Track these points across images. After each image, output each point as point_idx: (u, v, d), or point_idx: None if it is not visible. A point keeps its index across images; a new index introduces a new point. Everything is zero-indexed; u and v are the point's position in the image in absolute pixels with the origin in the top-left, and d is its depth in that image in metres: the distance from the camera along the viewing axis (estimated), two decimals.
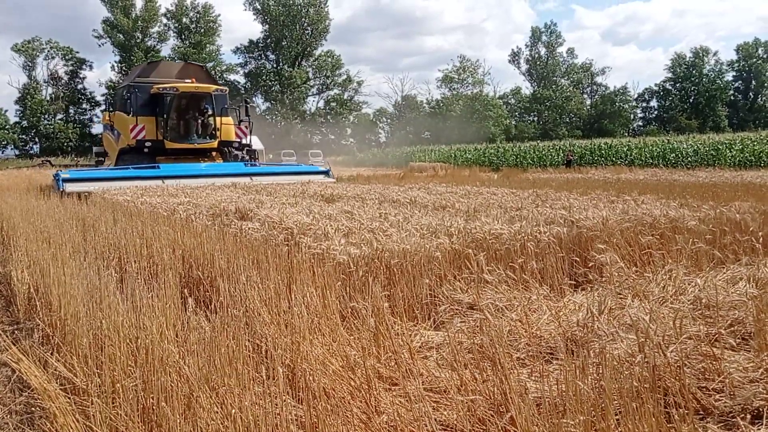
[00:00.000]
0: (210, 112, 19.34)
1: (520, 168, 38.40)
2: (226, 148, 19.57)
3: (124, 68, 70.32)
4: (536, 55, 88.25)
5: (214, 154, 19.89)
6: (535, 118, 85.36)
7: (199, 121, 19.24)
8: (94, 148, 26.39)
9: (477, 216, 6.93)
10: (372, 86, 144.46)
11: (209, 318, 3.54)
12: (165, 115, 18.63)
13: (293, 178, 16.14)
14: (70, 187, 13.72)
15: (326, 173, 18.22)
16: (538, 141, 54.20)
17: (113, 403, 2.76)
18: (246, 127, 20.46)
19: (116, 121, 20.21)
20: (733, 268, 4.78)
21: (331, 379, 2.86)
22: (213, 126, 19.32)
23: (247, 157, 19.91)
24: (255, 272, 4.30)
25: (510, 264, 4.87)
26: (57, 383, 3.00)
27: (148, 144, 18.29)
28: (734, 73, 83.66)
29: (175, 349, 2.94)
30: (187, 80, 19.59)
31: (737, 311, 3.73)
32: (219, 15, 76.30)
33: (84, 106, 75.25)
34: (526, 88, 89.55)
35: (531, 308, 4.10)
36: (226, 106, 19.87)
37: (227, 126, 19.64)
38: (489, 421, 2.61)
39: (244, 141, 20.30)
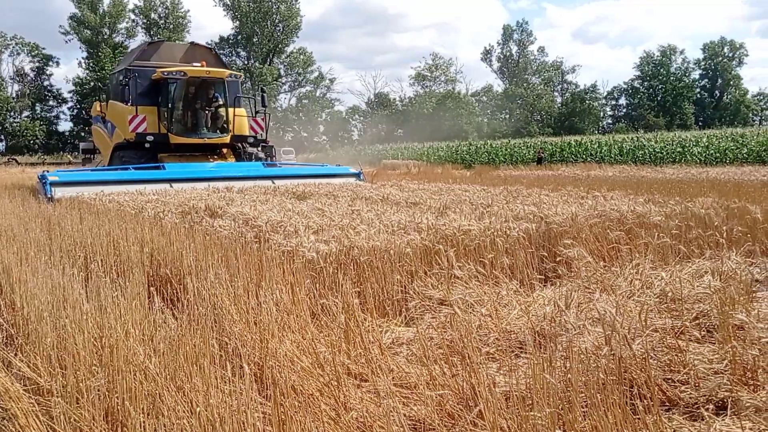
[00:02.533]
0: (221, 102, 16.50)
1: (492, 165, 38.68)
2: (239, 144, 16.72)
3: (91, 64, 69.17)
4: (508, 53, 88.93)
5: (225, 151, 16.88)
6: (507, 116, 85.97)
7: (208, 112, 16.41)
8: (81, 144, 23.02)
9: (448, 212, 6.96)
10: (344, 84, 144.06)
11: (176, 316, 3.49)
12: (170, 105, 15.81)
13: (321, 181, 13.58)
14: (60, 192, 11.24)
15: (357, 176, 15.49)
16: (510, 139, 54.60)
17: (77, 403, 2.72)
18: (262, 119, 17.71)
19: (110, 112, 17.28)
20: (698, 263, 4.86)
21: (300, 376, 2.84)
22: (225, 118, 16.51)
23: (263, 156, 17.03)
24: (224, 270, 4.25)
25: (480, 260, 4.90)
26: (20, 384, 2.93)
27: (149, 138, 15.39)
28: (700, 72, 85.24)
29: (141, 348, 2.90)
30: (195, 64, 16.41)
31: (702, 304, 3.79)
32: (188, 11, 75.70)
33: (51, 103, 73.90)
34: (498, 86, 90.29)
35: (501, 303, 4.12)
36: (238, 95, 17.10)
37: (240, 118, 16.90)
38: (458, 415, 2.62)
39: (259, 136, 17.43)
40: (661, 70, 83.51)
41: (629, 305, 3.76)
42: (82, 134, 71.52)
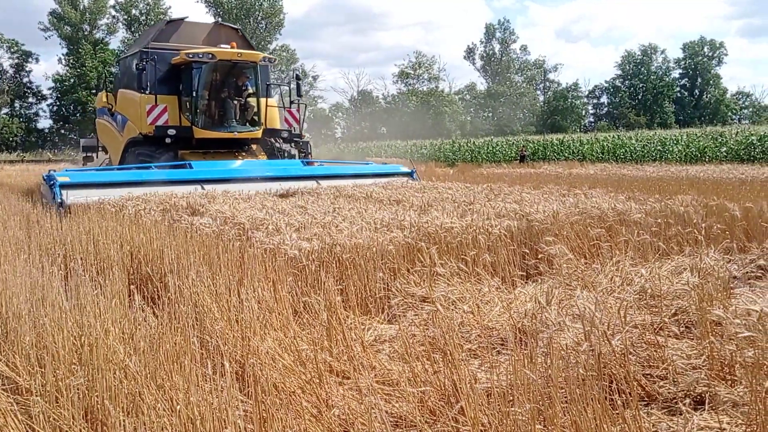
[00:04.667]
0: (251, 91, 14.18)
1: (475, 163, 38.82)
2: (272, 139, 14.47)
3: (71, 61, 68.37)
4: (491, 52, 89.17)
5: (254, 147, 14.61)
6: (490, 114, 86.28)
7: (237, 102, 14.00)
8: (82, 141, 19.95)
9: (431, 210, 6.97)
10: (328, 81, 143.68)
11: (157, 314, 3.47)
12: (194, 93, 13.41)
13: (370, 182, 11.74)
14: (72, 196, 9.06)
15: (410, 175, 13.45)
16: (493, 137, 54.80)
17: (57, 402, 2.70)
18: (297, 111, 15.33)
19: (121, 103, 14.74)
20: (677, 259, 4.93)
21: (282, 374, 2.84)
22: (255, 109, 14.18)
23: (295, 152, 14.79)
24: (205, 268, 4.23)
25: (462, 257, 4.91)
26: None
27: (171, 132, 13.11)
28: (681, 71, 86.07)
29: (121, 346, 2.88)
30: (222, 45, 13.96)
31: (681, 301, 3.84)
32: (170, 7, 74.73)
33: (30, 100, 72.77)
34: (481, 84, 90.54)
35: (483, 300, 4.15)
36: (269, 83, 14.87)
37: (271, 109, 14.72)
38: (440, 411, 2.63)
39: (294, 130, 15.12)
40: (642, 69, 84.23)
41: (609, 302, 3.79)
42: (62, 131, 70.82)
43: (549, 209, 6.50)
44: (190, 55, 13.04)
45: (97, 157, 17.70)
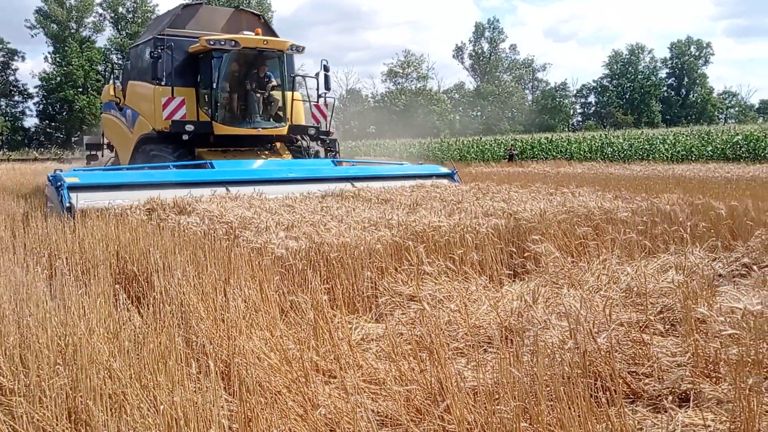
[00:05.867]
0: (275, 83, 12.84)
1: (464, 162, 38.91)
2: (299, 137, 13.26)
3: (58, 59, 67.85)
4: (479, 51, 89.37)
5: (278, 145, 13.38)
6: (479, 113, 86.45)
7: (260, 95, 12.64)
8: (85, 138, 18.30)
9: (419, 209, 6.98)
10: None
11: (142, 314, 3.45)
12: (214, 85, 12.18)
13: (408, 183, 10.65)
14: (84, 200, 7.92)
15: (451, 176, 12.09)
16: (482, 136, 54.92)
17: (40, 402, 2.68)
18: (326, 105, 13.89)
19: (131, 96, 13.40)
20: (663, 258, 4.96)
21: (267, 373, 2.83)
22: (279, 103, 12.90)
23: (321, 150, 13.55)
24: (192, 267, 4.21)
25: (450, 255, 4.92)
26: None
27: (189, 128, 11.74)
28: (668, 71, 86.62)
29: (105, 346, 2.86)
30: (246, 32, 12.63)
31: (666, 299, 3.86)
32: (157, 5, 74.29)
33: (16, 98, 72.20)
34: (470, 83, 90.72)
35: (470, 299, 4.15)
36: (293, 75, 13.53)
37: (297, 103, 13.42)
38: (426, 410, 2.63)
39: (322, 126, 13.72)
40: (630, 68, 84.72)
41: (596, 300, 3.81)
42: (48, 130, 70.25)
43: (536, 208, 6.52)
44: (211, 42, 11.66)
45: (102, 156, 16.47)
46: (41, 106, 70.46)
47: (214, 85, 12.21)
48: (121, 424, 2.34)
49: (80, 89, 67.16)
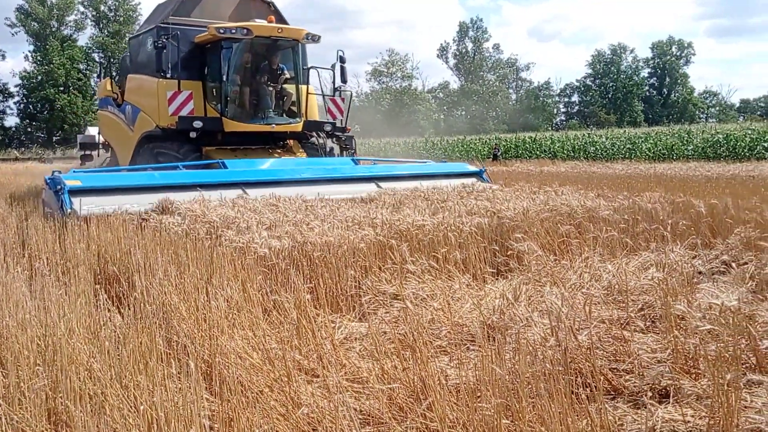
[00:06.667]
0: (288, 75, 11.88)
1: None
2: (315, 133, 12.39)
3: (39, 58, 67.11)
4: (464, 50, 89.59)
5: (291, 143, 12.46)
6: (463, 113, 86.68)
7: (272, 88, 11.72)
8: (79, 137, 17.04)
9: (403, 208, 6.98)
10: None
11: (123, 314, 3.42)
12: (224, 78, 11.22)
13: (432, 184, 9.69)
14: (87, 205, 7.20)
15: (479, 175, 11.20)
16: (466, 135, 55.08)
17: (20, 404, 2.65)
18: (343, 99, 12.99)
19: (132, 90, 12.38)
20: (644, 255, 5.00)
21: (250, 373, 2.82)
22: (292, 97, 11.89)
23: (336, 149, 12.68)
24: (174, 267, 4.18)
25: (433, 254, 4.93)
26: None
27: (197, 125, 10.78)
28: (649, 70, 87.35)
29: (85, 347, 2.83)
30: (258, 20, 11.49)
31: (647, 296, 3.90)
32: (139, 3, 73.84)
33: None
34: (454, 83, 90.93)
35: (453, 297, 4.16)
36: (306, 67, 12.45)
37: (311, 97, 12.57)
38: (409, 408, 2.64)
39: (338, 122, 12.79)
40: (612, 68, 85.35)
41: (578, 297, 3.84)
42: (29, 129, 69.44)
43: (519, 207, 6.56)
44: (221, 31, 10.67)
45: (98, 155, 15.09)
46: (22, 105, 69.69)
47: (225, 78, 11.26)
48: (101, 424, 2.32)
49: (61, 88, 66.52)
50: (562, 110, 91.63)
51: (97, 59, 72.06)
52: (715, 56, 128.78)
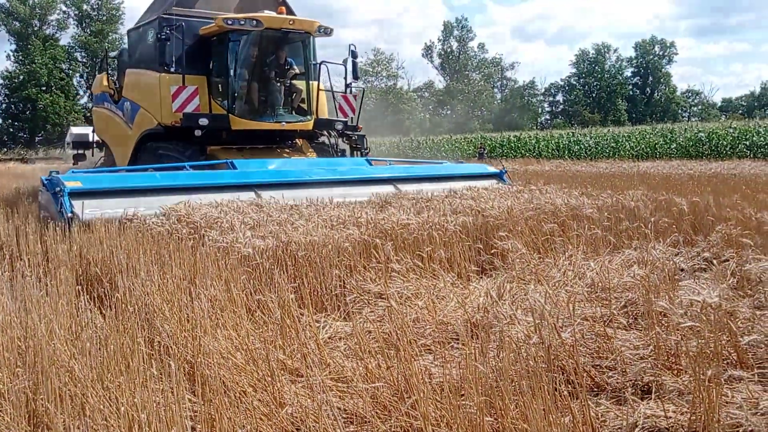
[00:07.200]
0: (297, 70, 11.25)
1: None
2: (326, 132, 11.91)
3: (20, 57, 66.42)
4: (448, 50, 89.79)
5: (299, 142, 11.86)
6: (449, 112, 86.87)
7: (281, 83, 11.06)
8: (72, 136, 15.58)
9: (388, 207, 6.98)
10: None
11: (105, 315, 3.40)
12: (232, 72, 10.57)
13: (452, 186, 9.05)
14: (90, 209, 6.65)
15: (499, 176, 10.45)
16: (452, 134, 55.21)
17: (0, 407, 2.62)
18: (355, 96, 12.38)
19: (130, 86, 11.64)
20: (627, 253, 5.04)
21: (233, 373, 2.81)
22: (301, 94, 11.27)
23: (347, 149, 12.20)
24: (156, 267, 4.16)
25: (418, 253, 4.94)
26: None
27: (203, 122, 10.10)
28: (633, 70, 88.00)
29: (66, 348, 2.81)
30: (267, 12, 10.88)
31: (630, 293, 3.93)
32: (122, 2, 73.33)
33: None
34: (439, 82, 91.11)
35: (438, 295, 4.17)
36: (314, 62, 11.63)
37: (321, 94, 11.85)
38: (392, 407, 2.64)
39: (349, 121, 12.08)
40: (596, 67, 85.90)
41: (561, 295, 3.86)
42: (11, 129, 68.71)
43: (504, 205, 6.58)
44: (230, 22, 10.01)
45: (93, 155, 14.34)
46: (4, 105, 68.97)
47: (233, 73, 10.58)
48: (82, 426, 2.30)
49: (44, 88, 65.91)
50: (547, 109, 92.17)
51: (79, 59, 71.54)
52: (695, 55, 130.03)
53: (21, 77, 65.70)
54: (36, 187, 13.42)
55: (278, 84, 11.03)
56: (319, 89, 11.66)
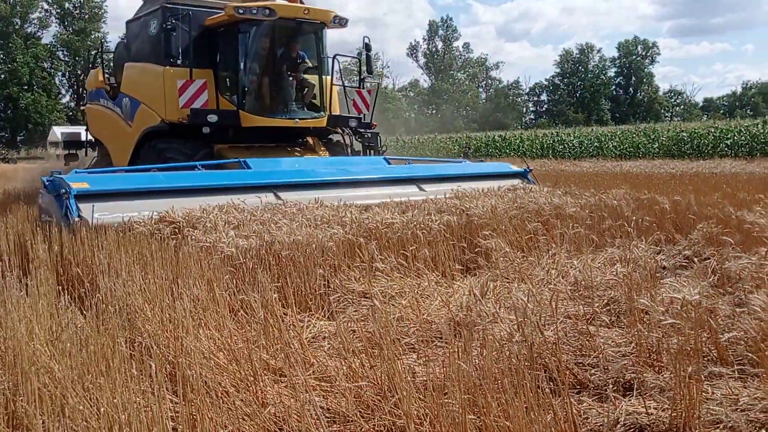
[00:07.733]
0: (309, 64, 10.59)
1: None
2: (341, 129, 11.19)
3: (1, 56, 65.61)
4: (434, 49, 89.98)
5: (310, 140, 11.17)
6: (434, 111, 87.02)
7: (292, 78, 10.40)
8: (64, 134, 15.16)
9: (372, 206, 6.97)
10: None
11: (86, 316, 3.36)
12: (242, 66, 9.83)
13: (477, 186, 8.51)
14: (99, 212, 6.09)
15: (524, 175, 9.93)
16: (437, 134, 55.30)
17: None
18: (369, 92, 11.74)
19: (130, 81, 10.87)
20: (609, 251, 5.08)
21: (215, 373, 2.79)
22: (314, 89, 10.66)
23: (358, 147, 11.51)
24: (138, 267, 4.12)
25: (402, 252, 4.94)
26: None
27: (212, 119, 9.40)
28: (616, 70, 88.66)
29: (46, 349, 2.78)
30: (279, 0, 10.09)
31: (613, 291, 3.96)
32: (104, 0, 72.62)
33: None
34: (425, 81, 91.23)
35: (422, 294, 4.18)
36: (324, 55, 10.91)
37: (334, 89, 11.22)
38: (376, 405, 2.64)
39: (363, 117, 11.41)
40: (580, 67, 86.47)
41: (544, 293, 3.88)
42: None
43: (488, 204, 6.60)
44: (241, 11, 9.31)
45: (86, 155, 13.64)
46: None
47: (242, 66, 9.84)
48: (62, 428, 2.27)
49: (25, 87, 65.16)
50: (531, 109, 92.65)
51: (61, 57, 70.80)
52: (678, 55, 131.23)
53: (2, 76, 64.91)
54: (21, 188, 13.29)
55: (290, 78, 10.39)
56: (332, 84, 11.07)
